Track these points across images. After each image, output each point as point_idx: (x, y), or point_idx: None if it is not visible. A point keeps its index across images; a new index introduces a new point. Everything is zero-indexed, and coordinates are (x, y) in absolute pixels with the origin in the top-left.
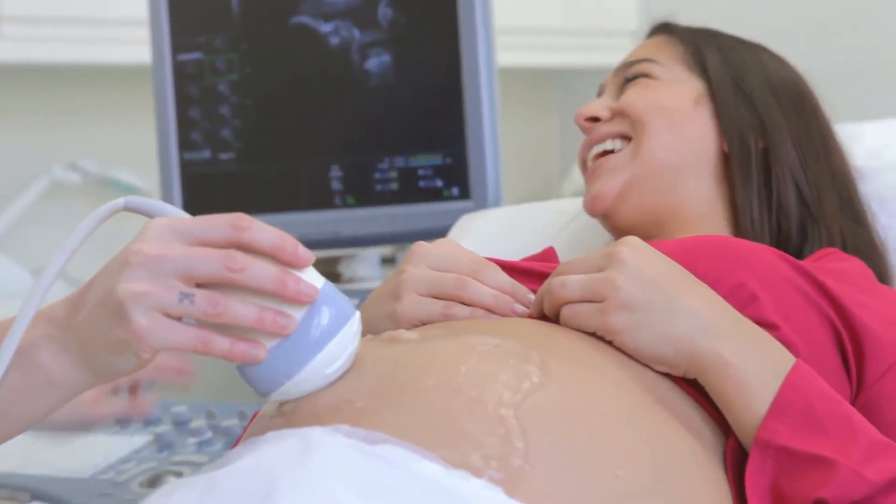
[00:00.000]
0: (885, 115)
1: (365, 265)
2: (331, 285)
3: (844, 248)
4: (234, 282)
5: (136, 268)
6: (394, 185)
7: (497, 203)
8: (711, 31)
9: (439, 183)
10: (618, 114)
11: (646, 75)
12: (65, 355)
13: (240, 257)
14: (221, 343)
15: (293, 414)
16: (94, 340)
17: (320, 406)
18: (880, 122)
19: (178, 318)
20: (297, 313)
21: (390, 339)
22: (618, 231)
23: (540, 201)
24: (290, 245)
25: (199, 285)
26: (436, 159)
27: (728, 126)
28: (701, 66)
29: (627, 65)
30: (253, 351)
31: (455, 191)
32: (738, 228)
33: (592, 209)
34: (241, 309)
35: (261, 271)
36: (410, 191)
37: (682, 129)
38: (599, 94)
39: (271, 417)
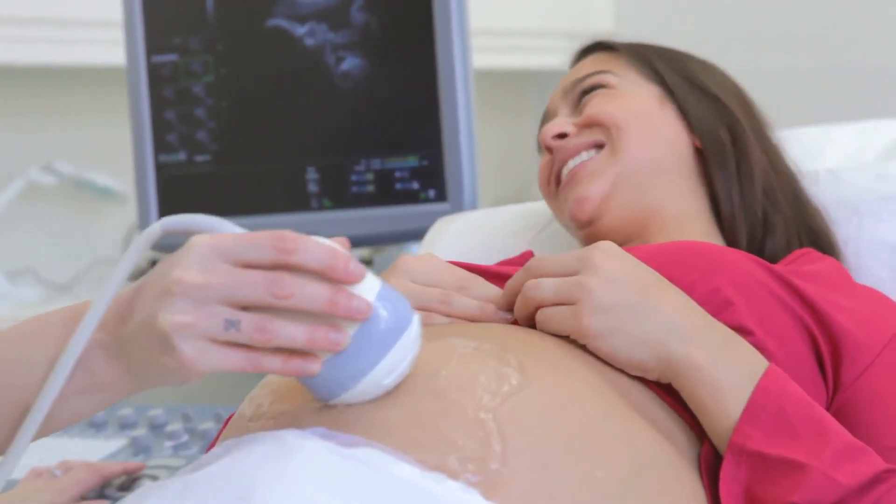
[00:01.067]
0: (857, 117)
1: None
2: (388, 288)
3: (800, 238)
4: (282, 307)
5: (179, 298)
6: (370, 188)
7: (473, 205)
8: (645, 44)
9: (416, 185)
10: (585, 126)
11: (603, 86)
12: (115, 363)
13: (287, 282)
14: (272, 362)
15: (270, 417)
16: (141, 359)
17: (296, 411)
18: (854, 124)
19: (226, 342)
20: (351, 327)
21: None
22: (596, 238)
23: (517, 203)
24: (342, 262)
25: (247, 307)
26: (412, 161)
27: (696, 122)
28: (653, 72)
29: (577, 81)
30: (306, 366)
31: (431, 193)
32: (721, 223)
33: (579, 212)
34: (290, 330)
35: (310, 294)
36: (387, 193)
37: (655, 129)
38: (547, 118)
39: (249, 420)
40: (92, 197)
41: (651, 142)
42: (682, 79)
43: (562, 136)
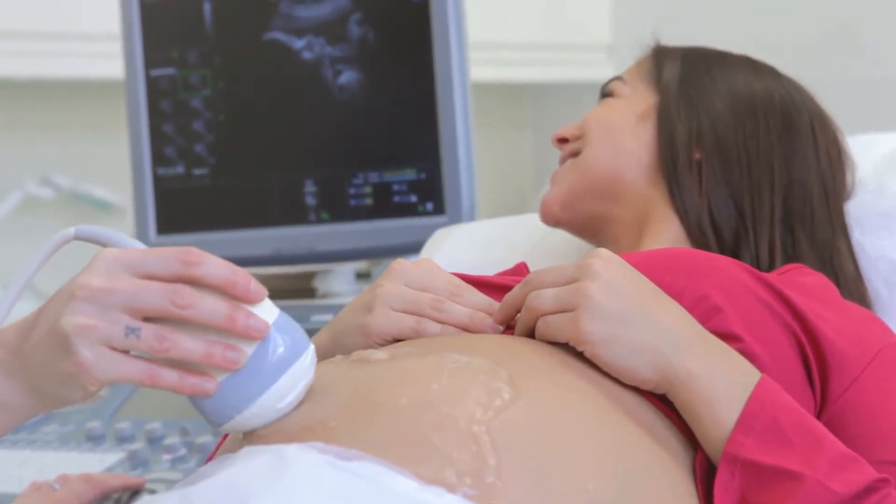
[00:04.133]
0: (854, 130)
1: (340, 280)
2: (285, 317)
3: (786, 257)
4: (181, 317)
5: (82, 301)
6: (368, 201)
7: (471, 218)
8: (696, 48)
9: (413, 198)
10: (578, 134)
11: (610, 94)
12: (13, 381)
13: (187, 293)
14: (169, 376)
15: (267, 433)
16: (41, 370)
17: (294, 427)
18: (852, 137)
19: (126, 352)
20: (249, 347)
21: (360, 360)
22: (581, 236)
23: (514, 215)
24: (242, 280)
25: (148, 319)
26: (410, 174)
27: (662, 138)
28: (658, 80)
29: (606, 83)
30: (202, 385)
31: (429, 206)
32: (689, 236)
33: (542, 216)
34: (188, 343)
35: (209, 307)
36: (385, 206)
37: (620, 141)
38: None
39: (245, 435)
40: (89, 210)
41: (611, 153)
42: (680, 91)
43: (563, 140)
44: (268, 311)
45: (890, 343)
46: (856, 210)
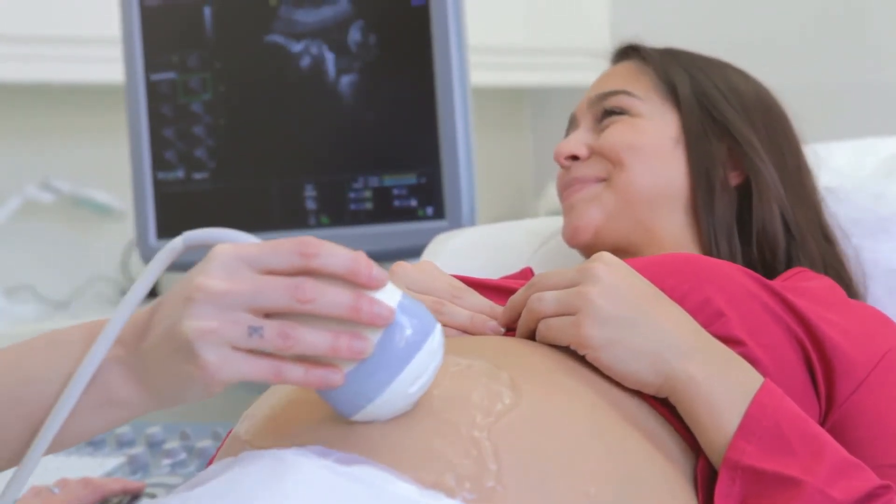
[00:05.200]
0: (853, 134)
1: None
2: (410, 298)
3: (824, 269)
4: (305, 312)
5: (202, 304)
6: (368, 205)
7: (471, 222)
8: (677, 51)
9: (414, 202)
10: (597, 152)
11: (625, 111)
12: (132, 380)
13: (309, 287)
14: (295, 372)
15: (268, 435)
16: (161, 371)
17: (296, 428)
18: (850, 141)
19: (249, 350)
20: (374, 335)
21: None
22: (594, 250)
23: (514, 220)
24: (364, 267)
25: (269, 315)
26: (410, 179)
27: (695, 163)
28: (674, 96)
29: (602, 96)
30: (329, 376)
31: (429, 210)
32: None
33: (573, 241)
34: (313, 337)
35: (332, 299)
36: (385, 210)
37: (658, 168)
38: (572, 125)
39: (244, 439)
40: (90, 214)
41: (651, 179)
42: (701, 108)
43: (574, 157)
44: (390, 294)
45: None
46: (855, 215)
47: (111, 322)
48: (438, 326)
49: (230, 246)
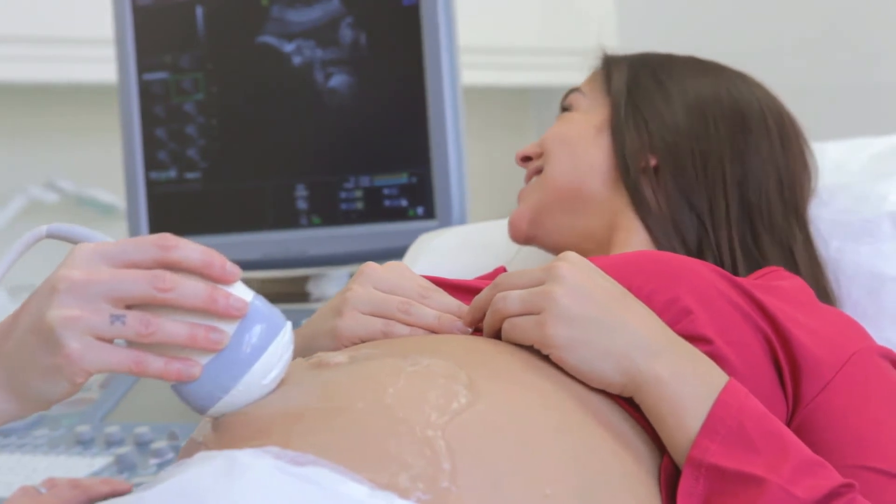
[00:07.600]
0: (839, 135)
1: (334, 284)
2: (261, 298)
3: (749, 255)
4: (164, 301)
5: (65, 293)
6: (359, 205)
7: (462, 222)
8: (643, 54)
9: (404, 202)
10: (540, 151)
11: (570, 108)
12: None
13: (168, 277)
14: (155, 363)
15: (223, 436)
16: (24, 368)
17: (250, 429)
18: (834, 142)
19: (111, 341)
20: (229, 328)
21: (318, 364)
22: (554, 252)
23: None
24: (218, 261)
25: (130, 307)
26: (401, 179)
27: (616, 148)
28: (608, 90)
29: (563, 98)
30: (187, 369)
31: (420, 210)
32: (655, 242)
33: (512, 237)
34: (172, 327)
35: (190, 289)
36: (376, 210)
37: (579, 156)
38: None
39: (201, 441)
40: (94, 214)
41: (571, 167)
42: (628, 98)
43: (526, 158)
44: (243, 291)
45: (864, 347)
46: (840, 216)
47: None
48: (289, 324)
49: (90, 244)
